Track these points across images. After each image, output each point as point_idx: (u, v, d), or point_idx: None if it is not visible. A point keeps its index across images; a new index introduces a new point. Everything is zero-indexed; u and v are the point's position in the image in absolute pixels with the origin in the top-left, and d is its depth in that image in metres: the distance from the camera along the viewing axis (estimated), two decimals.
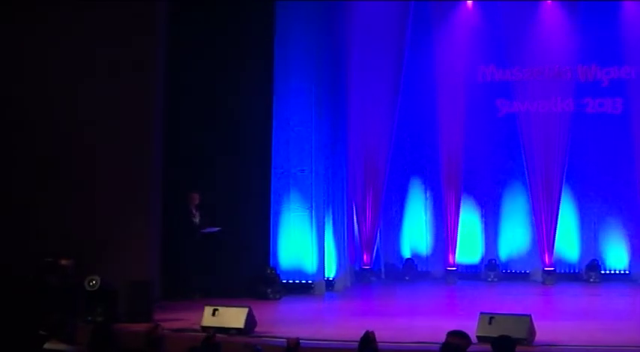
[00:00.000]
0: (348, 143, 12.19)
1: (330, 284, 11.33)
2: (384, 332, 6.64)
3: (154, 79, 10.24)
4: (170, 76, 10.62)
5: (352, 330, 6.84)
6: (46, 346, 5.45)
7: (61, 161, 9.98)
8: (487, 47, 12.69)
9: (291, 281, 11.09)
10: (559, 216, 12.36)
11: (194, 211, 10.68)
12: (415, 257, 13.01)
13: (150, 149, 10.24)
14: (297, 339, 5.89)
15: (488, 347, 5.47)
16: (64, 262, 9.06)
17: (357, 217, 12.44)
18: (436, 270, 12.79)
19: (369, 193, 12.39)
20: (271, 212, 11.09)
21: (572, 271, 12.68)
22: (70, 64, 9.94)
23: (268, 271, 10.85)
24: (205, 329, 7.91)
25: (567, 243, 12.67)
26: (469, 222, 12.83)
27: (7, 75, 9.99)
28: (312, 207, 11.12)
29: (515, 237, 12.89)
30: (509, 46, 12.53)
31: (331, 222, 11.45)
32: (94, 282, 8.62)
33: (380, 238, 12.67)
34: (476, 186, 12.89)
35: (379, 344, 5.75)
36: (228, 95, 10.98)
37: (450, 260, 12.64)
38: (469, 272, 12.75)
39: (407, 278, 12.72)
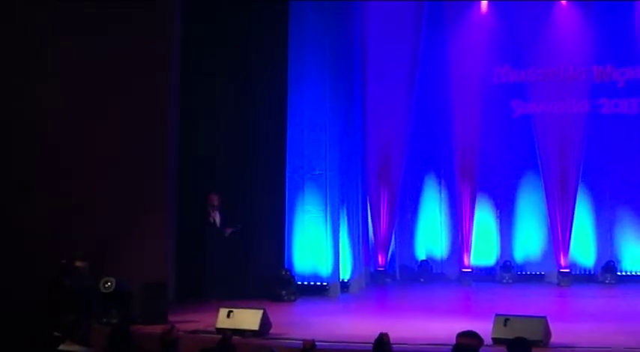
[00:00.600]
0: (363, 142, 12.20)
1: (344, 286, 11.32)
2: (398, 334, 6.62)
3: (169, 79, 10.28)
4: (186, 76, 10.69)
5: (367, 332, 6.74)
6: (61, 347, 5.44)
7: (77, 160, 10.02)
8: (502, 48, 12.66)
9: (305, 283, 11.09)
10: (574, 217, 12.31)
11: (212, 212, 10.64)
12: (430, 258, 12.99)
13: (165, 149, 10.28)
14: (313, 341, 5.81)
15: (503, 349, 5.39)
16: (78, 264, 8.99)
17: (371, 218, 12.47)
18: (451, 272, 12.77)
19: (384, 194, 12.40)
20: (286, 213, 11.09)
21: (587, 273, 12.63)
22: (83, 63, 9.98)
23: (283, 273, 10.83)
24: (220, 330, 7.87)
25: (583, 244, 12.62)
26: (484, 223, 12.79)
27: (22, 73, 10.00)
28: (326, 207, 11.11)
29: (530, 238, 12.84)
30: (523, 47, 12.50)
31: (346, 222, 11.43)
32: (109, 284, 8.56)
33: (395, 239, 12.67)
34: (491, 187, 12.84)
35: (394, 346, 5.69)
36: (242, 95, 11.01)
37: (465, 261, 12.61)
38: (484, 274, 12.71)
39: (422, 279, 12.71)
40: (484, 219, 12.75)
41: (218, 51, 10.91)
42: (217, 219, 10.65)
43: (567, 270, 12.29)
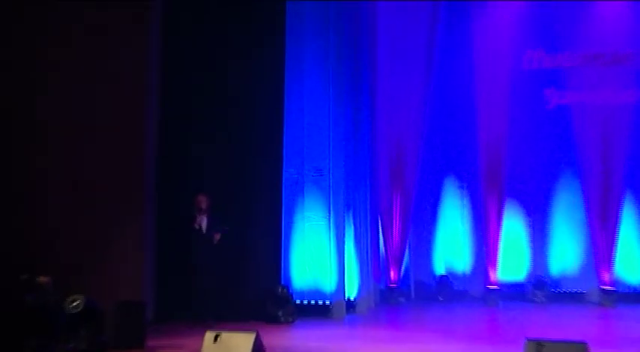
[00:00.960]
0: (373, 139, 12.20)
1: (351, 305, 11.41)
2: None
3: (146, 78, 10.51)
4: (170, 72, 10.91)
5: None
6: None
7: (38, 163, 10.10)
8: (534, 29, 12.68)
9: (306, 302, 11.17)
10: (620, 226, 12.30)
11: (198, 216, 10.66)
12: (450, 273, 13.02)
13: (142, 152, 10.49)
14: None
15: None
16: (42, 279, 8.99)
17: (382, 226, 12.49)
18: (475, 289, 12.80)
19: (397, 198, 12.42)
20: (283, 221, 11.15)
21: (635, 291, 12.63)
22: (61, 66, 10.19)
23: (280, 290, 10.88)
24: None
25: (629, 257, 12.59)
26: (513, 232, 12.80)
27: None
28: (330, 214, 11.19)
29: (567, 250, 12.86)
30: (559, 28, 12.50)
31: (352, 232, 11.52)
32: (77, 303, 8.54)
33: (409, 251, 12.70)
34: (521, 191, 12.84)
35: None
36: (233, 89, 11.13)
37: (491, 277, 12.62)
38: (513, 292, 12.75)
39: (441, 298, 12.75)
40: (513, 228, 12.78)
41: (207, 44, 11.15)
42: (204, 225, 10.67)
43: (611, 288, 12.30)
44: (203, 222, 10.67)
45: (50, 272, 9.23)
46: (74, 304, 8.60)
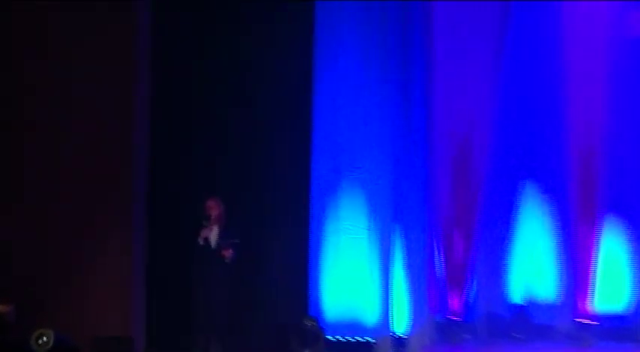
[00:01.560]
0: (428, 132, 12.03)
1: (400, 343, 11.42)
2: None
3: (134, 75, 10.95)
4: (174, 58, 11.37)
5: None
6: None
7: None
8: None
9: (341, 338, 11.27)
10: None
11: (208, 227, 10.68)
12: (530, 303, 12.72)
13: (130, 152, 10.80)
14: None
15: None
16: (1, 308, 9.33)
17: (440, 242, 12.30)
18: (562, 323, 12.49)
19: (460, 207, 12.28)
20: (311, 234, 11.30)
21: None
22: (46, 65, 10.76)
23: (307, 322, 10.94)
24: None
25: None
26: (613, 252, 12.52)
27: None
28: (373, 225, 11.26)
29: None
30: None
31: (402, 248, 11.53)
32: (45, 339, 8.71)
33: (476, 274, 12.46)
34: (623, 198, 12.53)
35: None
36: (245, 59, 11.38)
37: (584, 308, 12.43)
38: (614, 327, 12.49)
39: (517, 335, 12.53)
40: (613, 247, 12.50)
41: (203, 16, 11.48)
42: (212, 238, 10.66)
43: None
44: (212, 234, 10.67)
45: (12, 299, 9.60)
46: (41, 340, 8.76)
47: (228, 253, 10.59)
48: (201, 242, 10.65)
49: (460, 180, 12.30)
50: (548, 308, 12.66)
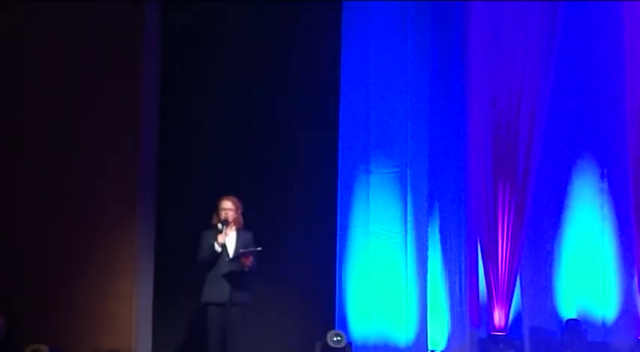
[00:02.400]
0: (469, 120, 11.75)
1: None
2: None
3: (139, 77, 10.93)
4: (184, 50, 11.41)
5: None
6: None
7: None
8: None
9: None
10: None
11: (224, 231, 10.18)
12: (584, 318, 12.17)
13: (138, 152, 10.75)
14: None
15: None
16: None
17: (482, 248, 11.87)
18: (621, 341, 11.97)
19: (504, 207, 11.81)
20: (337, 237, 11.23)
21: None
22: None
23: (332, 337, 10.74)
24: None
25: None
26: None
27: None
28: (407, 229, 11.22)
29: None
30: None
31: (439, 254, 11.42)
32: None
33: (523, 284, 12.05)
34: None
35: None
36: (269, 57, 11.35)
37: None
38: None
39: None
40: None
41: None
42: (231, 244, 10.13)
43: None
44: (229, 238, 10.10)
45: (2, 311, 9.68)
46: None
47: (247, 261, 10.03)
48: (218, 249, 10.08)
49: (504, 176, 11.82)
50: (605, 323, 12.20)
